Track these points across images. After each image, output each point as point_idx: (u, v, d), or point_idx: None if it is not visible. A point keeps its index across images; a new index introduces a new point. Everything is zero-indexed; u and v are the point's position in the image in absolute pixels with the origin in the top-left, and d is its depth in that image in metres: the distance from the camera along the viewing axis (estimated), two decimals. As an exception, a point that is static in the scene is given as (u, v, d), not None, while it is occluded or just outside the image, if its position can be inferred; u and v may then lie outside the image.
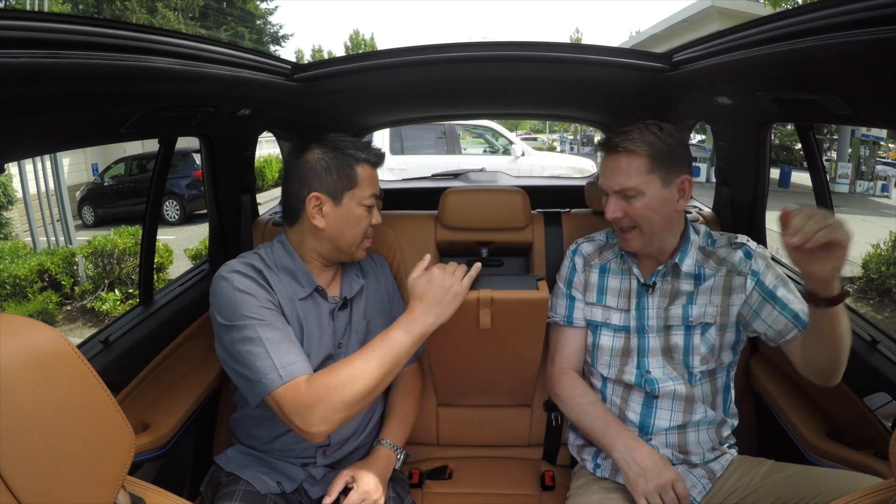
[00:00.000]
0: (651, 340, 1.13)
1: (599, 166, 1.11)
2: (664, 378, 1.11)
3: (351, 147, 1.11)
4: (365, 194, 1.11)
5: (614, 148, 1.06)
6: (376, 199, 1.14)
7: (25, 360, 0.46)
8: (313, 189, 1.08)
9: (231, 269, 1.05)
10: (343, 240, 1.11)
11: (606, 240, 1.26)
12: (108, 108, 0.90)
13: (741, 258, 1.10)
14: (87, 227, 10.12)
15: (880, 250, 5.07)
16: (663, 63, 1.19)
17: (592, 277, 1.22)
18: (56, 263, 5.05)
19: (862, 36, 0.65)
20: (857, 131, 11.33)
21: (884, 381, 1.07)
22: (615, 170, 1.06)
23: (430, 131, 6.27)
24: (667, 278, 1.13)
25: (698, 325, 1.10)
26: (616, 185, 1.06)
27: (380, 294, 1.27)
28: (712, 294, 1.10)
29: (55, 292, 4.87)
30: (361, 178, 1.10)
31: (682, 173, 1.07)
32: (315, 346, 1.10)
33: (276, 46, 20.73)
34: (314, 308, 1.12)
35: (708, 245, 1.15)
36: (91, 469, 0.50)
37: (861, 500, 0.63)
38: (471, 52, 1.19)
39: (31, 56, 0.60)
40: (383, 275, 1.31)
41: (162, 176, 1.35)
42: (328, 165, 1.08)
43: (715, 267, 1.12)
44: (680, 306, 1.11)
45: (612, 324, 1.17)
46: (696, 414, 1.10)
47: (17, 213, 8.99)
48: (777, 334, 1.06)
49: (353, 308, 1.19)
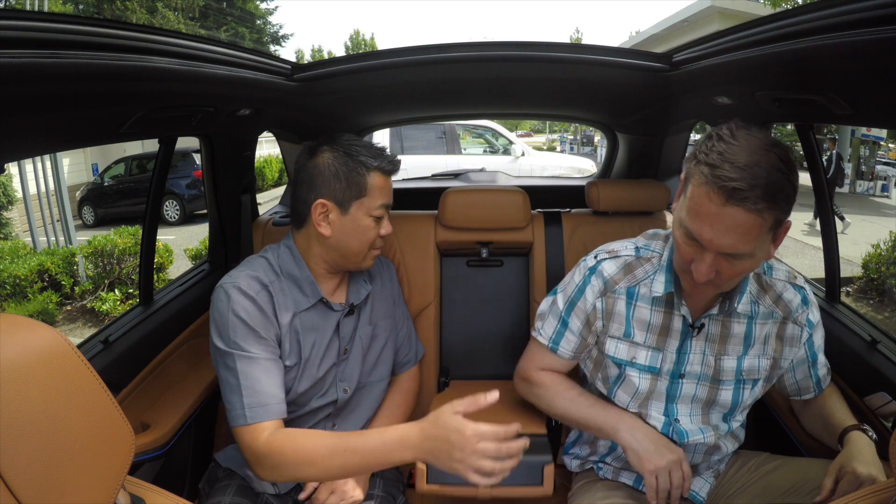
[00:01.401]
0: (686, 387, 0.99)
1: (696, 205, 0.79)
2: (694, 430, 0.99)
3: (364, 153, 1.05)
4: (374, 204, 1.06)
5: (737, 200, 0.74)
6: (387, 210, 1.09)
7: (25, 360, 0.46)
8: (320, 195, 1.04)
9: (234, 283, 1.01)
10: (348, 249, 1.08)
11: (636, 254, 1.01)
12: (108, 108, 0.90)
13: (799, 304, 0.98)
14: (87, 227, 10.12)
15: (880, 250, 5.07)
16: (663, 63, 1.19)
17: (618, 306, 1.00)
18: (56, 263, 5.05)
19: (862, 36, 0.65)
20: (857, 131, 11.32)
21: (884, 381, 1.06)
22: (731, 228, 0.76)
23: (430, 131, 6.28)
24: (717, 318, 0.96)
25: (750, 380, 0.98)
26: (728, 247, 0.78)
27: (386, 298, 1.25)
28: (766, 344, 0.97)
29: (55, 292, 4.87)
30: (372, 188, 1.05)
31: (787, 218, 0.81)
32: (317, 357, 1.09)
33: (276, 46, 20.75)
34: (318, 318, 1.10)
35: (764, 273, 0.99)
36: (91, 469, 0.50)
37: (861, 500, 0.63)
38: (471, 52, 1.19)
39: (31, 56, 0.60)
40: (390, 278, 1.29)
41: (162, 176, 1.35)
42: (337, 171, 1.04)
43: (770, 306, 0.97)
44: (734, 358, 0.96)
45: (637, 363, 0.99)
46: (717, 455, 1.04)
47: (17, 213, 8.99)
48: (797, 392, 1.06)
49: (360, 314, 1.17)
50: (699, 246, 0.81)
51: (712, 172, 0.75)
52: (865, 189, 11.40)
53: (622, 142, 2.16)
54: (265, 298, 1.03)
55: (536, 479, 1.02)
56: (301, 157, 1.08)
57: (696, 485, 1.07)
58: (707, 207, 0.77)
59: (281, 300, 1.05)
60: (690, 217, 0.81)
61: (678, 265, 0.91)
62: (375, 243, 1.10)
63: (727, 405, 0.99)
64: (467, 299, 1.56)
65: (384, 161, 1.07)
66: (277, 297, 1.04)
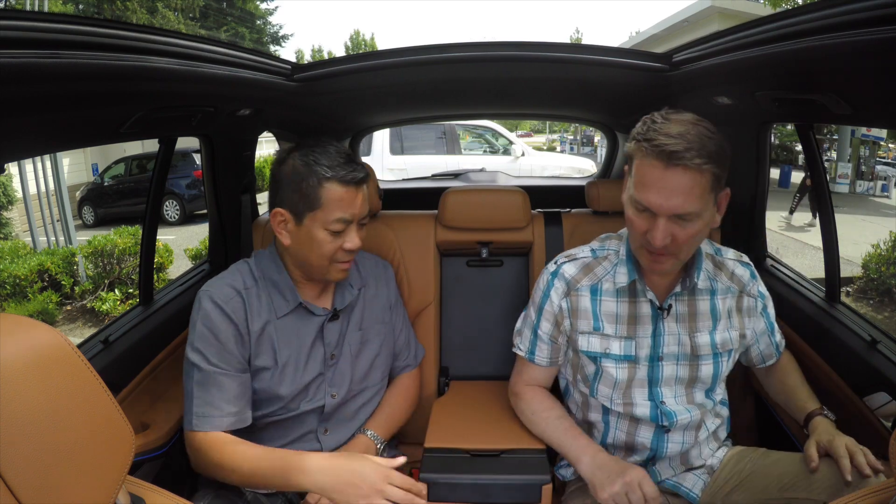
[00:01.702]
0: (666, 369, 1.03)
1: (641, 176, 0.88)
2: (681, 410, 1.03)
3: (323, 161, 0.99)
4: (330, 218, 0.99)
5: (676, 159, 0.83)
6: (348, 224, 1.02)
7: (25, 360, 0.46)
8: (277, 203, 1.02)
9: (209, 293, 1.03)
10: (308, 261, 1.05)
11: (592, 255, 1.09)
12: (108, 108, 0.90)
13: (749, 278, 1.08)
14: (87, 227, 10.12)
15: (880, 250, 5.07)
16: (663, 63, 1.19)
17: (583, 303, 1.05)
18: (56, 263, 5.05)
19: (862, 36, 0.65)
20: (857, 131, 11.32)
21: (884, 381, 1.06)
22: (676, 189, 0.84)
23: (430, 131, 6.27)
24: (682, 298, 1.03)
25: (725, 352, 1.05)
26: (676, 207, 0.85)
27: (380, 302, 1.22)
28: (731, 318, 1.05)
29: (55, 292, 4.87)
30: (326, 200, 0.99)
31: (725, 185, 0.91)
32: (299, 362, 1.08)
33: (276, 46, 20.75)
34: (299, 323, 1.08)
35: (717, 254, 1.09)
36: (91, 469, 0.50)
37: (861, 500, 0.63)
38: (471, 52, 1.19)
39: (31, 56, 0.60)
40: (386, 282, 1.26)
41: (162, 176, 1.35)
42: (294, 180, 0.99)
43: (727, 281, 1.06)
44: (707, 333, 1.03)
45: (612, 354, 1.04)
46: (703, 433, 1.07)
47: (17, 213, 8.99)
48: (762, 360, 1.16)
49: (348, 319, 1.15)
50: (650, 214, 0.89)
51: (650, 144, 0.85)
52: (865, 189, 11.39)
53: (622, 142, 2.16)
54: (237, 305, 1.03)
55: (535, 499, 1.02)
56: (273, 162, 1.07)
57: (688, 482, 1.07)
58: (651, 174, 0.86)
59: (256, 306, 1.05)
60: (638, 189, 0.89)
61: (635, 243, 0.97)
62: (337, 257, 1.03)
63: (708, 380, 1.04)
64: (467, 299, 1.56)
65: (342, 171, 0.99)
66: (252, 303, 1.05)
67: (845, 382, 1.14)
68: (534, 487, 1.02)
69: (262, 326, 1.05)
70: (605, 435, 1.10)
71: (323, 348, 1.11)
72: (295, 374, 1.07)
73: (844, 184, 11.24)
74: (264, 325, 1.05)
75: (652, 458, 1.07)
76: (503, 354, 1.54)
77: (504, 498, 1.02)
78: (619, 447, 1.10)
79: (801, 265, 5.70)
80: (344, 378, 1.13)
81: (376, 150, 5.71)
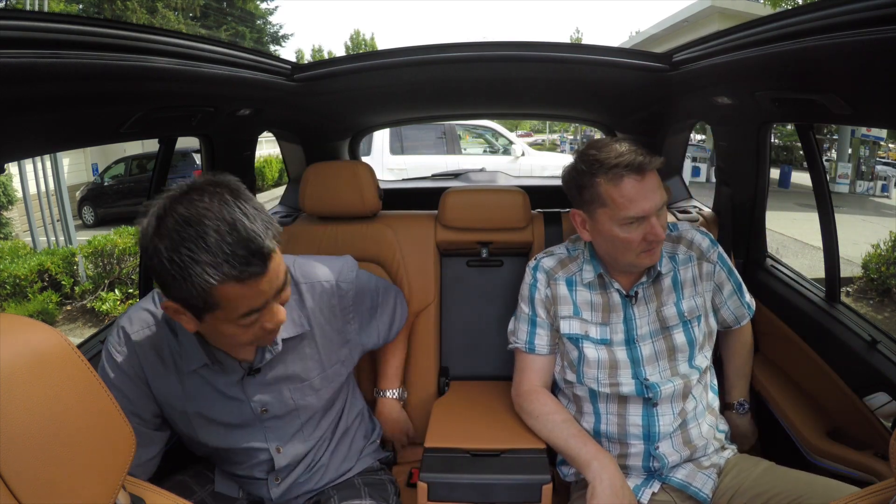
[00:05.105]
0: (644, 349, 1.10)
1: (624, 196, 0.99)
2: (664, 381, 1.08)
3: (203, 257, 0.71)
4: (235, 315, 0.78)
5: (644, 168, 0.98)
6: (261, 310, 0.80)
7: (25, 360, 0.46)
8: (168, 295, 0.77)
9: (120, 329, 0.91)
10: (224, 348, 0.90)
11: (567, 253, 1.20)
12: (108, 108, 0.90)
13: (709, 245, 1.16)
14: (87, 227, 10.12)
15: (880, 250, 5.07)
16: (663, 63, 1.19)
17: (562, 290, 1.15)
18: (56, 263, 5.05)
19: (862, 36, 0.65)
20: (857, 131, 11.31)
21: (884, 381, 1.06)
22: (652, 189, 0.99)
23: (430, 131, 6.27)
24: (647, 283, 1.12)
25: (694, 318, 1.11)
26: (658, 203, 1.00)
27: (326, 340, 1.03)
28: (695, 284, 1.13)
29: (55, 292, 4.87)
30: (225, 300, 0.75)
31: None
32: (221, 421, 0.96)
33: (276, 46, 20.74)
34: (208, 381, 0.93)
35: (672, 231, 1.17)
36: (91, 469, 0.50)
37: (861, 500, 0.63)
38: (471, 52, 1.19)
39: (31, 56, 0.60)
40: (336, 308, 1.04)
41: (162, 176, 1.35)
42: (176, 282, 0.73)
43: (685, 251, 1.14)
44: (672, 305, 1.11)
45: (590, 337, 1.12)
46: (692, 403, 1.10)
47: (17, 213, 8.99)
48: (735, 320, 1.22)
49: (273, 371, 0.97)
50: (640, 222, 1.00)
51: (622, 167, 0.98)
52: (865, 189, 11.39)
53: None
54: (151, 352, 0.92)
55: (535, 499, 1.02)
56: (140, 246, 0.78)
57: (699, 482, 1.08)
58: (633, 189, 0.98)
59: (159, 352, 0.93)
60: (624, 209, 0.99)
61: (631, 255, 1.04)
62: (258, 336, 0.84)
63: (685, 347, 1.10)
64: (467, 299, 1.56)
65: (234, 268, 0.72)
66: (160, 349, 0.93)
67: (845, 382, 1.14)
68: (534, 487, 1.02)
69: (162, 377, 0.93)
70: (598, 422, 1.11)
71: (248, 405, 0.96)
72: (214, 425, 0.96)
73: (844, 184, 11.23)
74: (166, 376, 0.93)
75: (648, 436, 1.08)
76: (503, 354, 1.54)
77: (504, 498, 1.02)
78: (612, 438, 1.10)
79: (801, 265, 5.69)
80: (288, 430, 1.01)
81: (376, 150, 5.70)
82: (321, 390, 1.03)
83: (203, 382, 0.94)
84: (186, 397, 0.94)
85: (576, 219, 1.10)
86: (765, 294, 1.40)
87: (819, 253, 1.44)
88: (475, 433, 1.15)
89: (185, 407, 0.94)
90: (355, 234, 1.49)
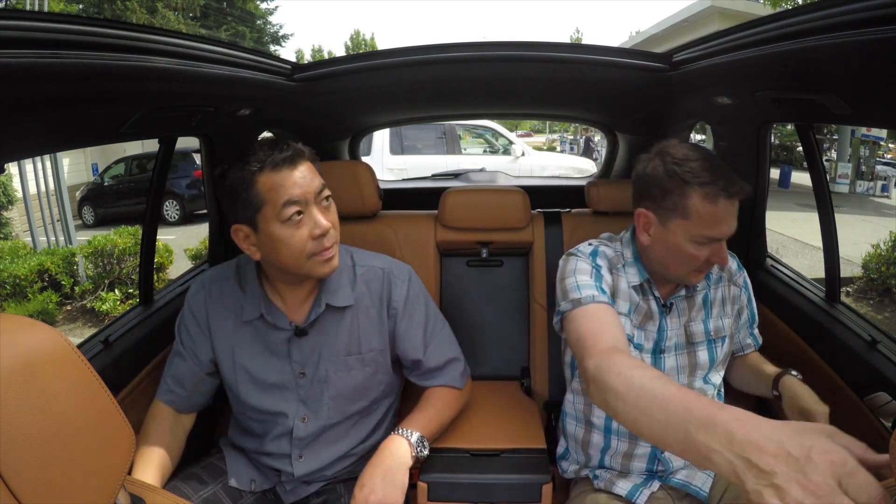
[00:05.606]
0: (668, 360, 1.08)
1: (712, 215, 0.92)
2: None
3: (252, 157, 0.91)
4: (277, 209, 0.90)
5: (738, 194, 0.93)
6: (302, 206, 0.91)
7: (25, 360, 0.46)
8: (232, 221, 0.95)
9: (202, 279, 1.09)
10: (283, 266, 0.96)
11: (612, 249, 1.11)
12: (108, 108, 0.90)
13: (736, 268, 1.15)
14: (87, 227, 10.12)
15: (880, 250, 5.07)
16: (663, 63, 1.20)
17: (622, 284, 1.06)
18: (56, 263, 5.05)
19: (862, 36, 0.65)
20: (857, 131, 11.31)
21: (884, 381, 1.06)
22: (735, 214, 0.95)
23: (430, 131, 6.27)
24: (682, 297, 1.09)
25: (718, 339, 1.09)
26: (735, 228, 0.96)
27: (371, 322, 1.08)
28: (724, 305, 1.11)
29: (55, 292, 4.87)
30: (265, 192, 0.89)
31: None
32: (262, 377, 1.04)
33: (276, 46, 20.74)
34: (260, 335, 1.04)
35: None
36: (91, 469, 0.50)
37: (861, 499, 0.63)
38: (471, 52, 1.19)
39: (31, 56, 0.60)
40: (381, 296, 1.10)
41: (162, 176, 1.35)
42: (234, 190, 0.91)
43: (718, 272, 1.12)
44: (700, 322, 1.09)
45: (632, 340, 1.06)
46: None
47: (17, 213, 8.99)
48: (741, 349, 1.21)
49: (316, 336, 1.04)
50: (713, 242, 0.96)
51: (716, 186, 0.91)
52: (865, 189, 11.39)
53: (622, 142, 2.16)
54: (216, 298, 1.07)
55: (535, 498, 1.02)
56: (217, 178, 0.97)
57: (699, 481, 1.08)
58: (724, 212, 0.93)
59: (219, 311, 1.06)
60: (709, 227, 0.94)
61: (686, 269, 1.00)
62: (310, 249, 0.93)
63: (706, 365, 1.09)
64: (467, 299, 1.56)
65: (266, 157, 0.90)
66: (219, 307, 1.06)
67: (845, 382, 1.14)
68: (534, 487, 1.02)
69: (221, 330, 1.05)
70: (609, 419, 1.10)
71: (290, 365, 1.04)
72: (256, 387, 1.04)
73: (844, 184, 11.23)
74: (222, 331, 1.05)
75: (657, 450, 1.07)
76: (503, 354, 1.55)
77: (504, 498, 1.02)
78: (623, 436, 1.10)
79: (801, 265, 5.69)
80: (317, 403, 1.06)
81: (376, 150, 5.71)
82: (354, 370, 1.08)
83: (255, 335, 1.04)
84: (238, 346, 1.05)
85: (640, 219, 1.01)
86: (765, 294, 1.40)
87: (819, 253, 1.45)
88: (475, 433, 1.15)
89: (234, 356, 1.05)
90: (355, 234, 1.49)
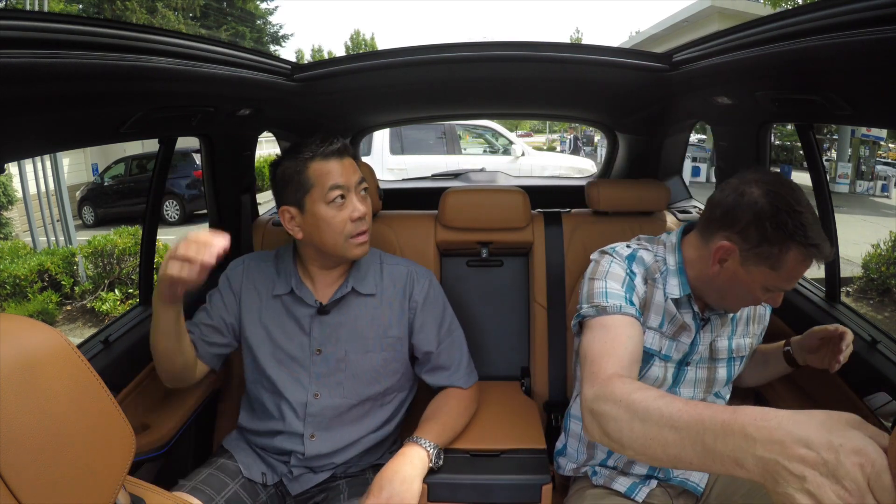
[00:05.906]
0: (689, 372, 1.06)
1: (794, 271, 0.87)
2: None
3: (303, 148, 1.06)
4: (324, 192, 1.04)
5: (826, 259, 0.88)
6: (345, 192, 1.06)
7: (25, 360, 0.46)
8: (280, 203, 1.09)
9: (242, 257, 1.23)
10: (323, 244, 1.08)
11: (654, 255, 1.03)
12: (108, 108, 0.90)
13: None
14: (87, 227, 10.11)
15: (880, 250, 5.07)
16: (663, 63, 1.19)
17: (657, 296, 1.00)
18: (56, 263, 5.04)
19: (862, 36, 0.65)
20: (857, 131, 11.31)
21: (884, 381, 1.06)
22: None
23: (430, 131, 6.27)
24: (718, 312, 1.05)
25: (738, 357, 1.08)
26: None
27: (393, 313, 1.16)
28: (748, 324, 1.09)
29: (55, 292, 4.87)
30: (315, 177, 1.05)
31: None
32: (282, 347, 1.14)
33: (276, 46, 20.76)
34: (286, 309, 1.14)
35: None
36: (91, 469, 0.50)
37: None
38: (471, 52, 1.19)
39: (31, 56, 0.60)
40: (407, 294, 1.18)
41: (162, 176, 1.35)
42: (286, 176, 1.07)
43: None
44: (726, 338, 1.06)
45: (663, 353, 1.02)
46: None
47: (17, 213, 8.99)
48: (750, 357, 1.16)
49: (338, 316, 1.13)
50: (780, 291, 0.93)
51: (816, 248, 0.85)
52: (865, 189, 11.39)
53: (622, 142, 2.16)
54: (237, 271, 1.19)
55: (535, 499, 1.02)
56: (270, 167, 1.13)
57: (696, 476, 1.08)
58: (802, 269, 0.88)
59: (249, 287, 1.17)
60: (788, 281, 0.90)
61: (738, 305, 0.98)
62: (348, 231, 1.06)
63: (723, 381, 1.08)
64: (467, 299, 1.56)
65: (319, 148, 1.06)
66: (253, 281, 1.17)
67: (845, 382, 1.14)
68: (534, 487, 1.02)
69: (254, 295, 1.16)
70: None
71: (308, 341, 1.13)
72: (275, 349, 1.13)
73: (844, 184, 11.23)
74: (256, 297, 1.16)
75: None
76: (503, 355, 1.55)
77: (504, 498, 1.02)
78: None
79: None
80: (329, 380, 1.12)
81: (376, 150, 5.70)
82: (371, 353, 1.14)
83: (282, 309, 1.14)
84: (265, 315, 1.15)
85: (719, 252, 0.90)
86: (765, 294, 1.40)
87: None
88: (475, 433, 1.15)
89: (260, 320, 1.15)
90: (355, 234, 1.49)
